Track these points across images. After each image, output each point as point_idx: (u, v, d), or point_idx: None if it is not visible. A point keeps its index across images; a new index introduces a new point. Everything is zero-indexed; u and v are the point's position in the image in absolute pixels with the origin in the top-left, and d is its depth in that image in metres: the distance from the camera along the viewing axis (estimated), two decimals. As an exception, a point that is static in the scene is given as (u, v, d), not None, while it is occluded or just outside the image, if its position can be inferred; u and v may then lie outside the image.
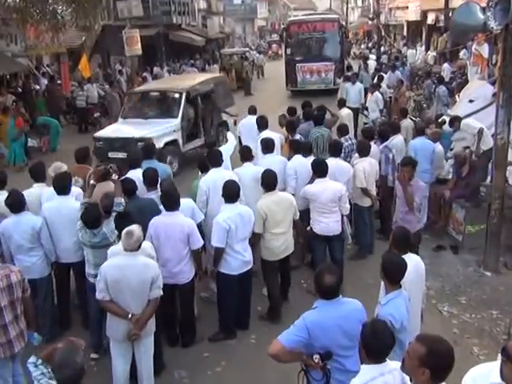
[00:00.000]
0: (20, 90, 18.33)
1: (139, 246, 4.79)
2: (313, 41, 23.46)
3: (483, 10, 10.65)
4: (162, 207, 5.82)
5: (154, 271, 4.80)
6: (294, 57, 23.35)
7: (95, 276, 5.04)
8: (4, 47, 18.11)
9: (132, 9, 24.20)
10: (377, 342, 3.35)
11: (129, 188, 6.04)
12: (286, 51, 24.68)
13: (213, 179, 6.71)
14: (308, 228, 6.88)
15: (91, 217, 5.38)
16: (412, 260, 4.59)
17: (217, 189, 6.29)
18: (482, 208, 8.03)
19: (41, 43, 19.32)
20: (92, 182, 5.94)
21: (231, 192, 5.86)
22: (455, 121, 9.57)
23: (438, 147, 8.97)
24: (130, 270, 4.70)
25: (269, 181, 6.29)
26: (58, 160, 8.65)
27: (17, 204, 5.78)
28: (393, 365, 3.42)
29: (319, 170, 6.73)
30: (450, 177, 9.08)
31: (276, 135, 8.77)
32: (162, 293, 4.95)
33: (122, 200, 5.83)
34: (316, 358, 3.76)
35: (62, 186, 6.08)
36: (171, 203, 5.64)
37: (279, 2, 69.77)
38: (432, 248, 8.19)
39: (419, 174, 7.65)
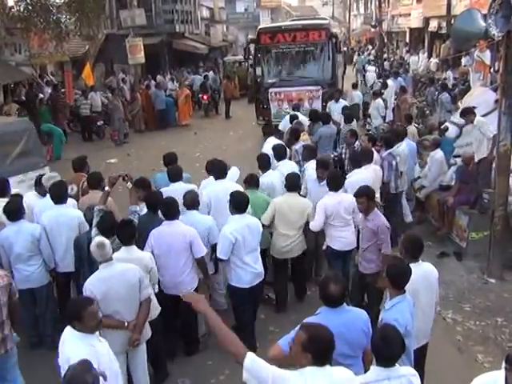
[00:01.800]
0: (24, 98, 18.41)
1: (111, 255, 4.76)
2: (292, 56, 16.64)
3: (485, 17, 10.66)
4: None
5: (138, 273, 4.75)
6: (265, 79, 16.63)
7: None
8: (8, 56, 18.22)
9: (135, 18, 24.36)
10: (386, 347, 3.38)
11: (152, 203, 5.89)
12: (254, 71, 17.66)
13: (215, 191, 6.55)
14: (324, 247, 6.66)
15: (108, 225, 5.29)
16: (421, 268, 4.58)
17: (220, 201, 6.23)
18: (485, 215, 8.01)
19: (44, 52, 19.41)
20: (107, 188, 5.87)
21: (239, 203, 5.72)
22: (469, 113, 8.94)
23: (438, 153, 8.97)
24: (114, 279, 4.64)
25: (292, 182, 6.58)
26: (63, 168, 8.75)
27: (16, 212, 5.74)
28: (404, 371, 3.46)
29: (335, 184, 6.46)
30: (453, 183, 9.07)
31: (280, 142, 8.79)
32: (151, 291, 4.94)
33: (138, 208, 5.80)
34: None
35: (58, 194, 6.07)
36: (171, 212, 5.59)
37: (282, 11, 69.98)
38: (435, 255, 8.17)
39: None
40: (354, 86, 17.79)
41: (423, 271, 4.60)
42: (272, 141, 9.08)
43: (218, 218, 6.20)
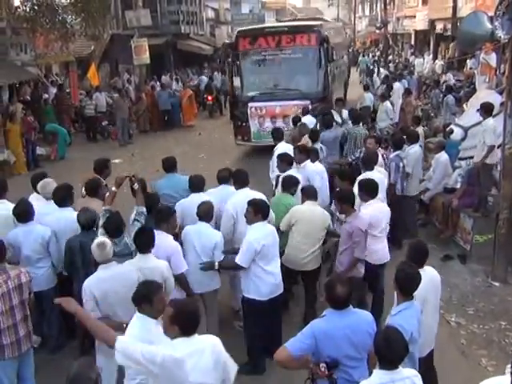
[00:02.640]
0: (29, 98, 18.47)
1: (111, 256, 4.73)
2: (276, 65, 14.30)
3: (491, 19, 10.66)
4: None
5: (136, 274, 4.68)
6: (244, 92, 14.46)
7: None
8: (14, 56, 18.27)
9: (140, 18, 24.43)
10: (390, 350, 3.37)
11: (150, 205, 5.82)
12: (231, 82, 15.21)
13: (240, 201, 6.05)
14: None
15: (114, 225, 5.22)
16: (428, 273, 4.54)
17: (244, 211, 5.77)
18: (490, 218, 7.98)
19: (50, 52, 19.47)
20: (113, 188, 5.80)
21: (261, 210, 5.49)
22: (487, 110, 8.42)
23: (443, 156, 8.94)
24: (114, 280, 4.60)
25: (311, 190, 6.38)
26: (67, 168, 8.72)
27: (25, 214, 5.71)
28: (406, 373, 3.46)
29: (371, 189, 6.02)
30: (458, 186, 9.04)
31: (290, 147, 8.55)
32: None
33: (144, 209, 5.74)
34: (322, 366, 3.76)
35: (61, 197, 6.01)
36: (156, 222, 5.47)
37: (287, 12, 70.00)
38: (439, 258, 8.14)
39: None
40: (366, 88, 16.92)
41: (430, 277, 4.56)
42: (282, 147, 8.74)
43: (243, 228, 5.89)
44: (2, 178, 6.95)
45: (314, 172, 7.58)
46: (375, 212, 5.96)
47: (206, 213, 5.74)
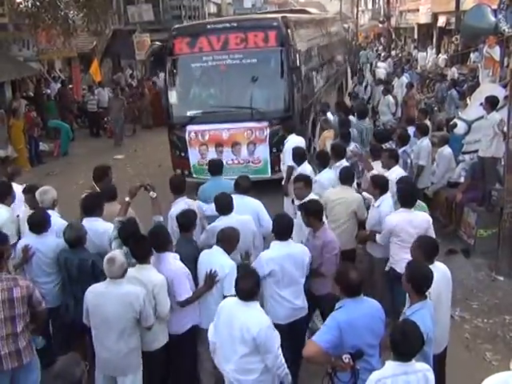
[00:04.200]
0: (32, 94, 18.48)
1: (124, 273, 4.42)
2: (222, 75, 10.77)
3: (494, 12, 10.64)
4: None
5: (138, 302, 4.34)
6: (181, 110, 11.00)
7: None
8: (16, 52, 18.25)
9: (142, 13, 24.40)
10: (406, 343, 3.39)
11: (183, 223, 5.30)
12: (166, 97, 11.41)
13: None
14: (387, 268, 5.81)
15: (130, 231, 4.93)
16: (439, 269, 4.49)
17: None
18: (494, 212, 7.96)
19: (52, 48, 19.43)
20: (127, 199, 5.48)
21: (282, 227, 5.01)
22: (492, 104, 8.31)
23: (446, 150, 8.91)
24: (108, 298, 4.38)
25: (346, 174, 6.35)
26: (69, 163, 8.70)
27: (39, 224, 5.36)
28: (419, 366, 3.48)
29: (408, 199, 5.64)
30: (462, 180, 9.02)
31: (301, 139, 8.51)
32: (151, 323, 4.49)
33: (161, 218, 5.50)
34: (346, 357, 3.71)
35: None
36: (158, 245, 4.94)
37: (289, 6, 69.81)
38: (443, 252, 8.12)
39: None
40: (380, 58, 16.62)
41: (442, 273, 4.51)
42: (293, 139, 8.59)
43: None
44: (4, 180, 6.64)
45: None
46: (401, 222, 5.53)
47: (227, 238, 4.98)
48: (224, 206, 5.62)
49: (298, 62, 10.74)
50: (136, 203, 5.65)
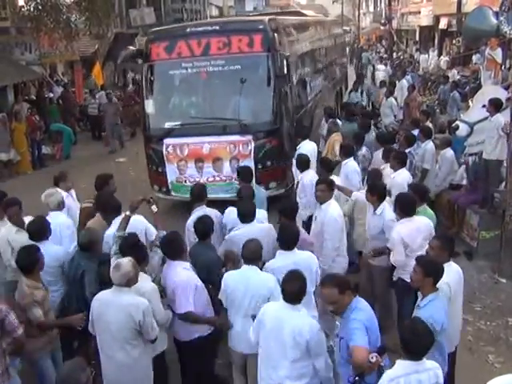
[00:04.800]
0: (34, 97, 18.52)
1: (128, 282, 4.30)
2: (203, 83, 9.94)
3: (496, 14, 10.63)
4: None
5: (138, 314, 4.23)
6: (158, 121, 10.06)
7: None
8: (18, 55, 18.30)
9: (144, 16, 24.48)
10: (416, 342, 3.42)
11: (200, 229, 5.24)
12: (143, 107, 10.39)
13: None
14: (395, 278, 5.70)
15: (131, 246, 4.80)
16: (454, 268, 4.54)
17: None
18: (496, 214, 7.95)
19: (55, 51, 19.50)
20: (127, 213, 5.32)
21: (287, 237, 4.94)
22: (496, 106, 8.31)
23: (449, 152, 8.90)
24: (111, 306, 4.30)
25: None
26: (72, 167, 8.71)
27: (39, 232, 5.28)
28: (429, 364, 3.51)
29: (409, 208, 5.53)
30: (464, 182, 9.01)
31: (314, 146, 8.46)
32: (154, 336, 4.40)
33: (165, 232, 5.30)
34: (373, 356, 3.69)
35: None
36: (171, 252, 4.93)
37: (291, 9, 69.87)
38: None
39: None
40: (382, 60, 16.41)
41: (456, 272, 4.57)
42: (306, 146, 8.50)
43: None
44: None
45: (354, 171, 7.48)
46: (410, 231, 5.39)
47: (255, 254, 4.74)
48: (247, 213, 5.52)
49: (287, 68, 9.83)
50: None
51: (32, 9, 16.91)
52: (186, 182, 9.41)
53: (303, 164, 7.51)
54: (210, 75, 9.65)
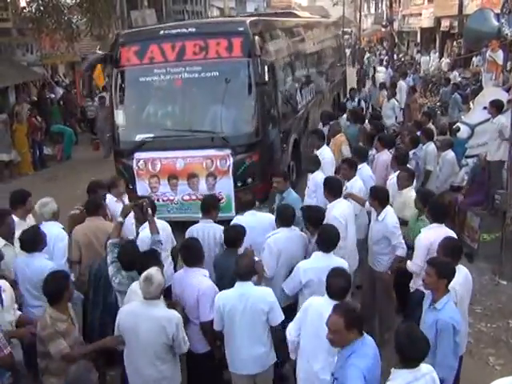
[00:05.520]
0: (35, 98, 18.54)
1: (161, 293, 4.21)
2: (177, 91, 9.10)
3: (497, 16, 10.64)
4: None
5: (171, 328, 4.11)
6: (128, 135, 9.09)
7: None
8: (20, 56, 18.32)
9: (146, 18, 24.47)
10: (414, 348, 3.35)
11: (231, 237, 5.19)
12: (111, 116, 9.45)
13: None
14: (412, 290, 5.44)
15: (131, 257, 4.68)
16: (463, 271, 4.52)
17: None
18: (497, 216, 7.94)
19: (56, 52, 19.55)
20: (119, 219, 5.19)
21: (327, 239, 4.81)
22: (498, 107, 8.45)
23: (450, 154, 8.90)
24: (142, 320, 4.13)
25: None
26: (73, 168, 8.67)
27: (30, 242, 5.02)
28: (425, 369, 3.44)
29: (443, 215, 5.34)
30: (465, 184, 9.01)
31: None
32: (186, 349, 4.34)
33: (160, 237, 5.19)
34: None
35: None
36: (191, 258, 4.82)
37: (292, 11, 69.89)
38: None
39: None
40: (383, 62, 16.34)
41: (464, 275, 4.55)
42: (327, 152, 8.25)
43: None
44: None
45: (368, 176, 7.29)
46: (437, 238, 4.92)
47: (248, 269, 4.57)
48: (287, 217, 5.41)
49: (272, 74, 9.20)
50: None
51: (33, 10, 16.94)
52: (158, 200, 8.20)
53: (314, 163, 7.38)
54: (185, 82, 8.78)
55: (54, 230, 5.59)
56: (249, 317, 4.41)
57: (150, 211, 5.31)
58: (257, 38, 8.69)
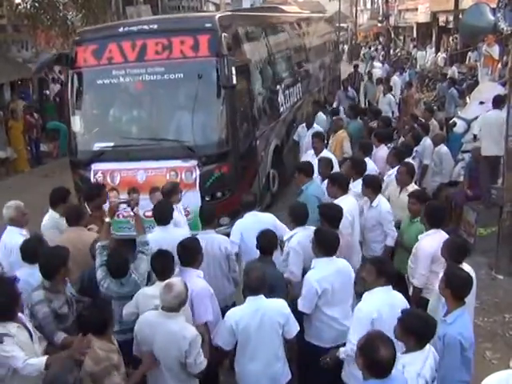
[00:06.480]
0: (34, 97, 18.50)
1: (180, 305, 3.95)
2: (139, 95, 8.35)
3: (493, 11, 10.63)
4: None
5: (184, 345, 3.87)
6: (85, 144, 8.30)
7: (119, 332, 4.35)
8: (15, 53, 18.28)
9: (141, 13, 24.27)
10: (426, 327, 3.51)
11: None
12: (68, 123, 8.70)
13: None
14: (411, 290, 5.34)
15: (116, 264, 4.47)
16: (466, 269, 4.45)
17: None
18: (493, 210, 7.96)
19: (51, 49, 19.47)
20: (107, 219, 5.00)
21: (328, 243, 4.62)
22: (498, 103, 8.61)
23: (443, 148, 8.89)
24: (156, 331, 3.94)
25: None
26: (68, 164, 8.61)
27: (34, 253, 4.70)
28: (428, 346, 3.59)
29: (439, 219, 5.27)
30: (461, 179, 9.01)
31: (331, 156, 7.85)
32: (197, 371, 4.02)
33: (147, 238, 4.98)
34: None
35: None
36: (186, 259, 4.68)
37: (290, 7, 69.75)
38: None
39: None
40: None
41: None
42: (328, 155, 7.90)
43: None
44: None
45: (373, 170, 7.20)
46: (439, 244, 4.81)
47: (260, 282, 4.25)
48: (300, 216, 5.30)
49: (245, 76, 8.59)
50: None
51: (28, 6, 16.90)
52: (118, 216, 7.04)
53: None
54: (146, 85, 8.02)
55: (15, 238, 5.28)
56: (265, 332, 4.20)
57: (136, 209, 5.15)
58: (226, 35, 7.87)
